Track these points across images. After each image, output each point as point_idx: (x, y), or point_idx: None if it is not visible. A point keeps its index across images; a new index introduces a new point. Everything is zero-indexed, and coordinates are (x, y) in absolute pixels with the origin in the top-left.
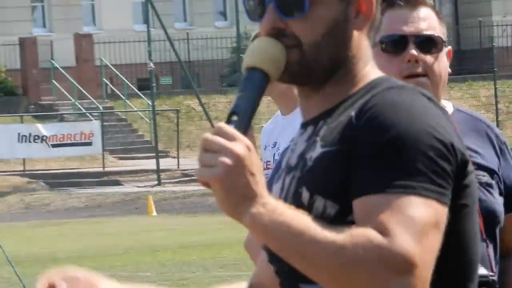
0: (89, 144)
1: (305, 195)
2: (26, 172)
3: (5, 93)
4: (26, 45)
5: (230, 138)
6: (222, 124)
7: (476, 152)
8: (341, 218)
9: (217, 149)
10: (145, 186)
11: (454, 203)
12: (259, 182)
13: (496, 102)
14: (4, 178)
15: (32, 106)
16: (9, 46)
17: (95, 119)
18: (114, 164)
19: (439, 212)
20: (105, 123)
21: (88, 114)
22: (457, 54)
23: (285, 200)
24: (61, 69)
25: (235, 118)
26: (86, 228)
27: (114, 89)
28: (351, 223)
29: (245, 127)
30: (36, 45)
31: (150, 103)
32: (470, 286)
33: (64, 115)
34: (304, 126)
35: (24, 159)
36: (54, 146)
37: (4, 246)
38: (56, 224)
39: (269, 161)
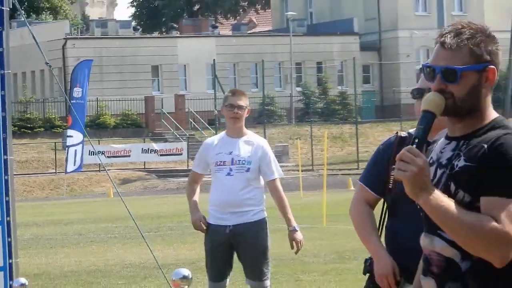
0: (180, 154)
1: (452, 188)
2: (145, 169)
3: (136, 126)
4: (148, 100)
5: (415, 154)
6: (411, 146)
7: None
8: (472, 204)
9: (408, 161)
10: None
11: None
12: (429, 181)
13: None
14: (133, 172)
15: (150, 133)
16: (138, 101)
17: (184, 141)
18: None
19: None
20: (189, 143)
21: (180, 138)
22: None
23: (437, 185)
24: (166, 113)
25: (416, 141)
26: (182, 200)
27: (195, 124)
28: (477, 208)
29: (422, 147)
30: (154, 100)
31: (215, 132)
32: None
33: (167, 138)
34: (449, 139)
35: (144, 162)
36: (161, 155)
37: (133, 210)
38: (160, 198)
39: (225, 161)
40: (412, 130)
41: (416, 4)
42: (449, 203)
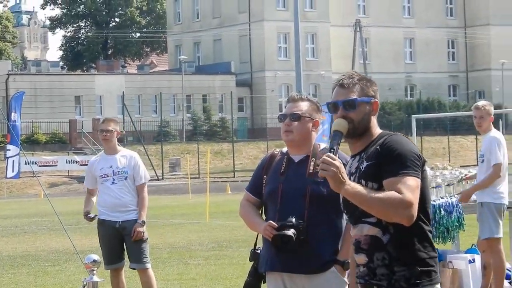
0: None
1: (363, 182)
2: (69, 176)
3: (62, 142)
4: (72, 122)
5: (333, 158)
6: (330, 154)
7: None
8: (379, 189)
9: (328, 163)
10: None
11: (421, 179)
12: (345, 177)
13: None
14: (59, 178)
15: (73, 148)
16: (64, 123)
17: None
18: None
19: (418, 182)
20: None
21: (96, 152)
22: None
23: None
24: (86, 133)
25: (332, 150)
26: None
27: None
28: (384, 191)
29: (336, 154)
30: (76, 122)
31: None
32: (427, 209)
33: (86, 152)
34: (353, 156)
35: (68, 170)
36: (81, 165)
37: (58, 208)
38: (80, 199)
39: (108, 173)
40: (284, 149)
41: (279, 51)
42: (362, 189)
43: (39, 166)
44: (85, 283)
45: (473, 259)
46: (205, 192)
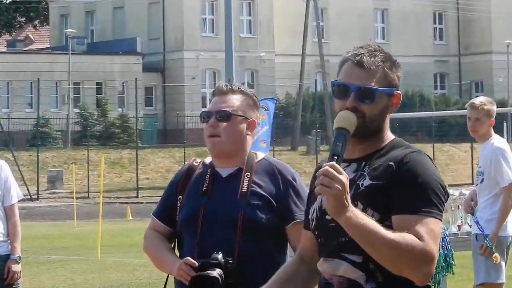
0: None
1: (360, 207)
2: None
3: None
4: None
5: (338, 171)
6: (334, 163)
7: (259, 185)
8: (381, 222)
9: (332, 177)
10: None
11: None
12: (349, 199)
13: None
14: None
15: None
16: None
17: None
18: None
19: (440, 228)
20: None
21: None
22: None
23: None
24: None
25: (335, 158)
26: None
27: None
28: (387, 226)
29: (340, 163)
30: None
31: None
32: None
33: None
34: (347, 161)
35: None
36: None
37: None
38: None
39: None
40: (208, 160)
41: (203, 24)
42: (370, 221)
43: None
44: None
45: None
46: (96, 217)
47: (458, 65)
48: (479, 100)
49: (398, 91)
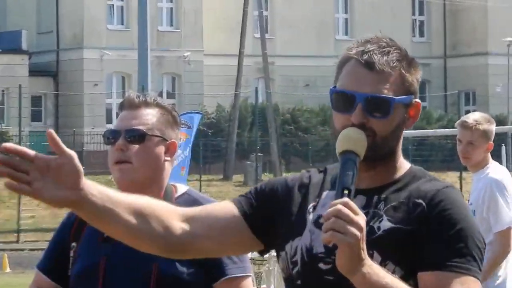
0: None
1: (376, 257)
2: None
3: None
4: None
5: (355, 212)
6: (348, 200)
7: None
8: (404, 280)
9: (347, 220)
10: None
11: None
12: (365, 249)
13: None
14: None
15: None
16: None
17: None
18: None
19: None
20: None
21: None
22: None
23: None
24: None
25: (346, 192)
26: None
27: None
28: (412, 285)
29: (352, 197)
30: None
31: None
32: None
33: None
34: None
35: None
36: None
37: None
38: None
39: None
40: None
41: (109, 13)
42: (394, 280)
43: None
44: None
45: None
46: None
47: (443, 69)
48: (473, 117)
49: (417, 100)
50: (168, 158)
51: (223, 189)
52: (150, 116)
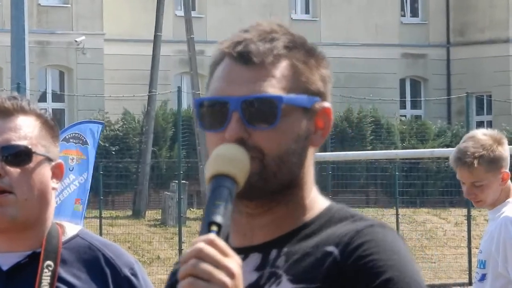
0: None
1: None
2: None
3: None
4: None
5: (223, 253)
6: (214, 236)
7: (70, 284)
8: None
9: (214, 264)
10: None
11: None
12: None
13: None
14: None
15: None
16: None
17: None
18: None
19: None
20: None
21: None
22: None
23: None
24: None
25: (214, 228)
26: None
27: None
28: None
29: (226, 238)
30: None
31: None
32: None
33: None
34: (244, 251)
35: None
36: None
37: None
38: None
39: None
40: None
41: None
42: None
43: None
44: None
45: None
46: None
47: (446, 63)
48: (470, 148)
49: (327, 104)
50: (56, 186)
51: (132, 230)
52: (30, 128)
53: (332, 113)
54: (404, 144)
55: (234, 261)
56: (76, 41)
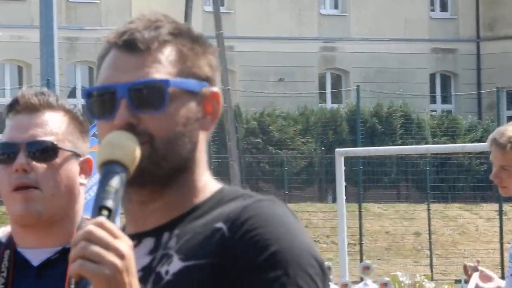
0: None
1: None
2: None
3: None
4: None
5: (113, 234)
6: (103, 219)
7: None
8: None
9: (103, 245)
10: None
11: None
12: (135, 283)
13: None
14: None
15: None
16: None
17: None
18: None
19: None
20: None
21: None
22: None
23: None
24: None
25: (105, 212)
26: None
27: None
28: None
29: (115, 220)
30: None
31: None
32: None
33: None
34: (138, 237)
35: None
36: None
37: None
38: None
39: None
40: (4, 232)
41: None
42: None
43: None
44: None
45: None
46: None
47: (476, 58)
48: (508, 132)
49: (215, 89)
50: (84, 181)
51: None
52: (57, 123)
53: (221, 98)
54: (435, 139)
55: (124, 243)
56: (105, 37)
